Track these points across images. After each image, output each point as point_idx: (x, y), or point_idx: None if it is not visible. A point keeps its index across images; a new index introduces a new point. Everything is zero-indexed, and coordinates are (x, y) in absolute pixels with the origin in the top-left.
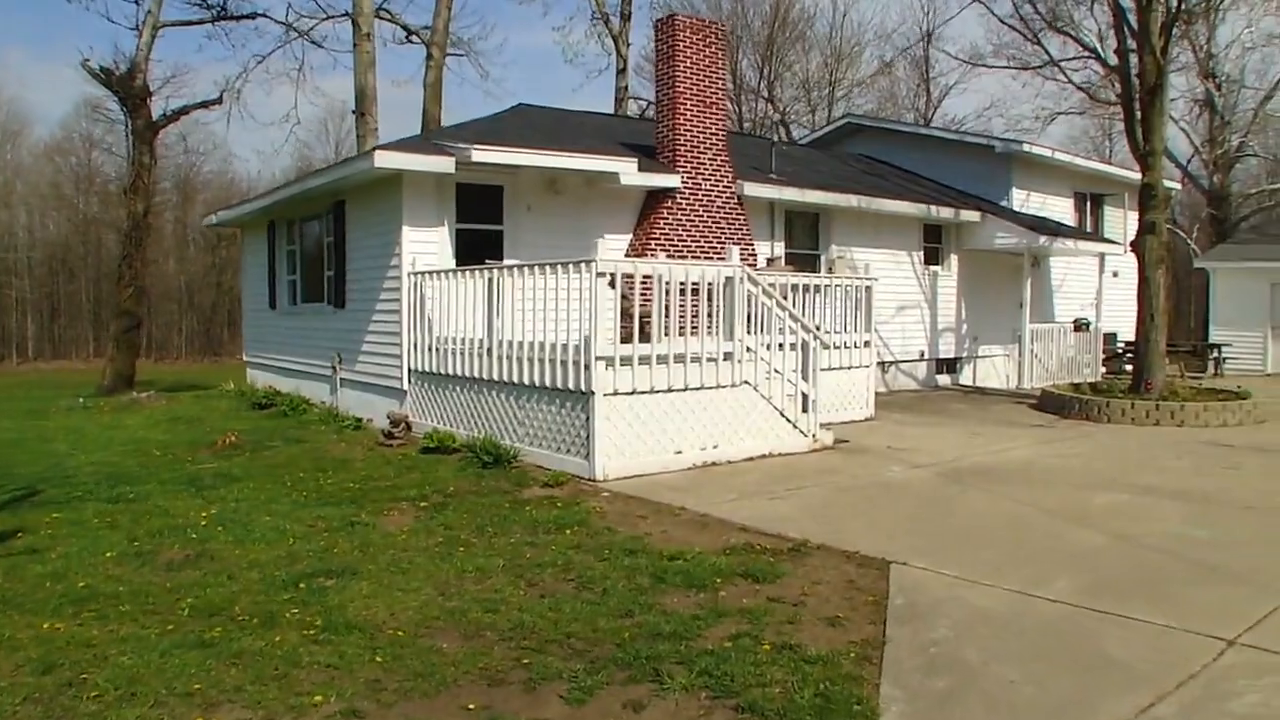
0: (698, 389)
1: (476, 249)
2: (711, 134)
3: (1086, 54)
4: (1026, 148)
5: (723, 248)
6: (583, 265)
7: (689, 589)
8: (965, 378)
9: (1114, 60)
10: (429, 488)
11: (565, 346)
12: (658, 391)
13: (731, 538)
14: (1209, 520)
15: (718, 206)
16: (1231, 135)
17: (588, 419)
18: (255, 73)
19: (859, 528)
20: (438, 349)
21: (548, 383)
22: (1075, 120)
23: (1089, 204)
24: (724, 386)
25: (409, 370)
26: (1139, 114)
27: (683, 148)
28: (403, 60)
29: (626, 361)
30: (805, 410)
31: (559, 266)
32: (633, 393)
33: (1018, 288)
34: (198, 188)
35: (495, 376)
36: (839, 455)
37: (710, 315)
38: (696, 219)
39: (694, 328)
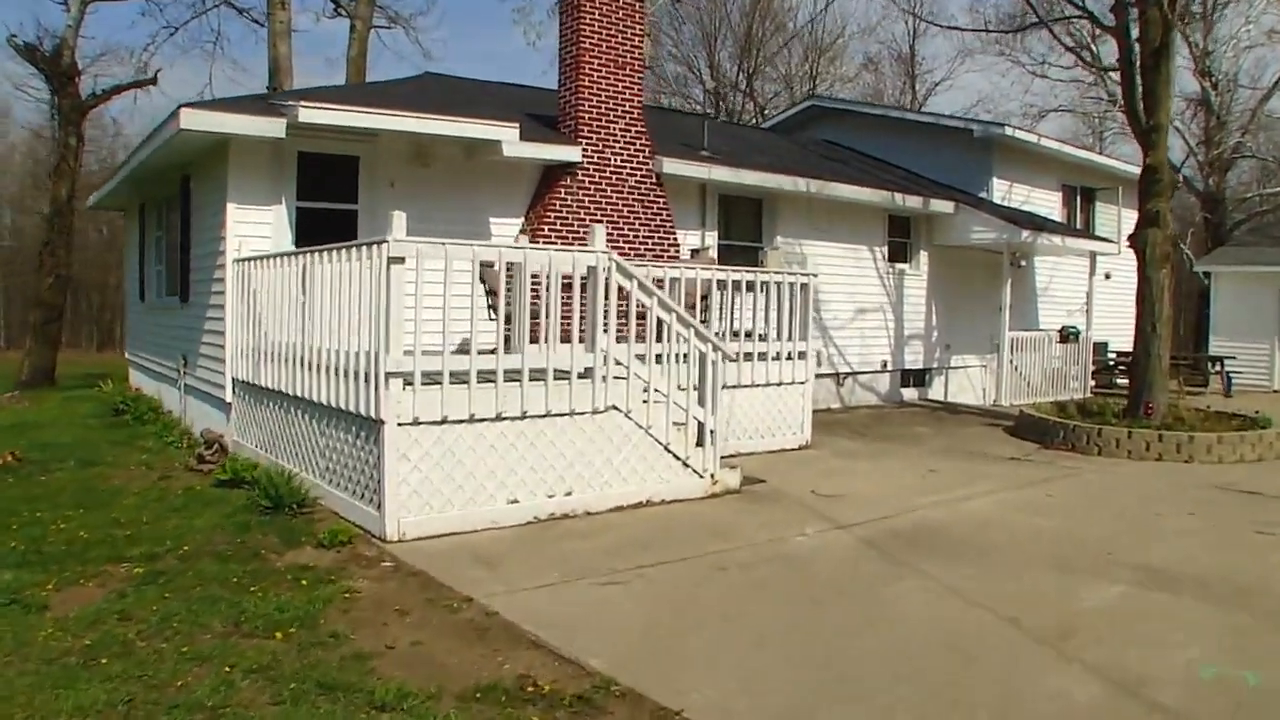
0: (542, 416)
1: (325, 232)
2: (624, 100)
3: (1080, 14)
4: (1009, 131)
5: (636, 235)
6: (373, 248)
7: None
8: (935, 392)
9: (1111, 20)
10: (169, 543)
11: (359, 355)
12: (482, 420)
13: (507, 662)
14: (1253, 641)
15: (630, 186)
16: (1228, 136)
17: (378, 457)
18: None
19: (709, 651)
20: (257, 353)
21: (343, 404)
22: (1065, 121)
23: (1079, 199)
24: (581, 413)
25: (232, 379)
26: (1139, 83)
27: (586, 115)
28: (337, 38)
29: (434, 379)
30: (701, 443)
31: (352, 250)
32: (443, 421)
33: (996, 290)
34: None
35: (300, 392)
36: (740, 505)
37: (568, 318)
38: (603, 200)
39: (563, 332)
